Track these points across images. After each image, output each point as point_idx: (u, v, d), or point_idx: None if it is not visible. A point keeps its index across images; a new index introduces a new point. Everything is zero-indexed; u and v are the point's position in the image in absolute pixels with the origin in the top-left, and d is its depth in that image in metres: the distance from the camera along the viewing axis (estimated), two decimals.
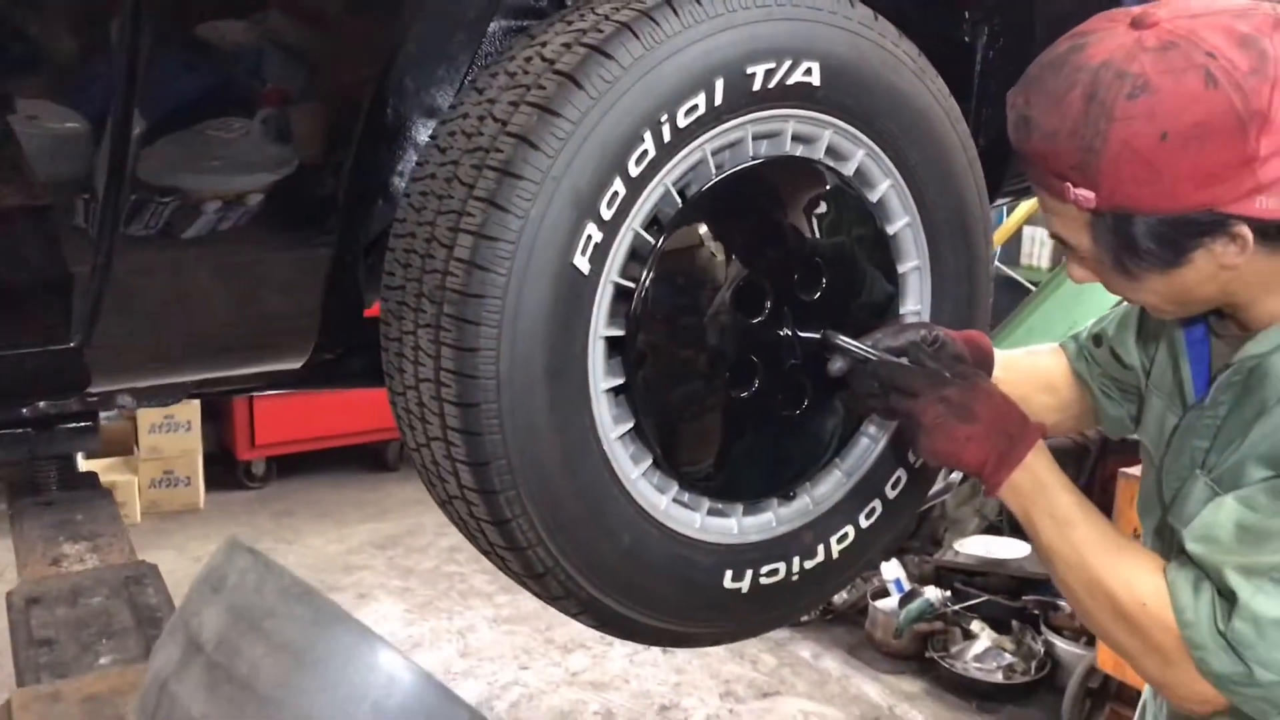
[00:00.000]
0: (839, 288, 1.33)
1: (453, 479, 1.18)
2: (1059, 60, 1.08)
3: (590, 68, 1.11)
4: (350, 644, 0.75)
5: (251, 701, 0.73)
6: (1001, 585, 3.95)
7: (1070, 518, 1.19)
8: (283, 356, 1.26)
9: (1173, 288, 1.12)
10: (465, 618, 4.33)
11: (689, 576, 1.28)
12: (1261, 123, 1.00)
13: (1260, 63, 1.00)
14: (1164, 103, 1.01)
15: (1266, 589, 1.06)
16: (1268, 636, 1.06)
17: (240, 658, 0.74)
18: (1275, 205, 1.03)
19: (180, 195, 1.08)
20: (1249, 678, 1.07)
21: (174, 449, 5.27)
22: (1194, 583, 1.11)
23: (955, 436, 1.20)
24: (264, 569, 0.80)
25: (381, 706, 0.72)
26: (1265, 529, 1.07)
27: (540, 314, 1.11)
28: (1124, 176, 1.04)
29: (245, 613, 0.77)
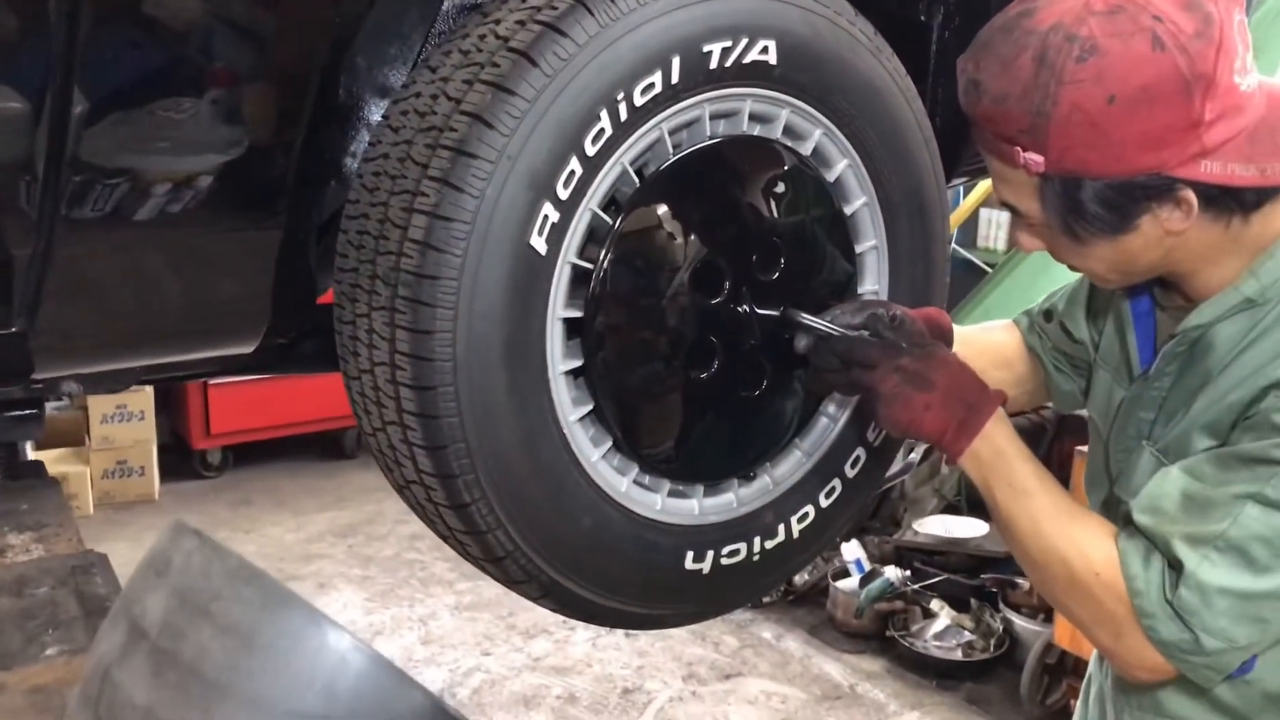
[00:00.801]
0: (798, 267, 1.33)
1: (410, 463, 1.16)
2: (1009, 25, 1.08)
3: (545, 45, 1.09)
4: (299, 626, 0.74)
5: (198, 686, 0.71)
6: (960, 564, 4.00)
7: (1028, 487, 1.20)
8: (234, 341, 1.24)
9: (1119, 254, 1.14)
10: (427, 605, 4.31)
11: (650, 558, 1.28)
12: (1206, 86, 1.01)
13: (1205, 26, 1.01)
14: (1112, 65, 1.02)
15: (1212, 557, 1.07)
16: (1213, 605, 1.07)
17: (186, 642, 0.73)
18: (1219, 170, 1.05)
19: (124, 177, 1.05)
20: (1196, 645, 1.09)
21: (127, 439, 5.19)
22: (1144, 552, 1.13)
23: (913, 405, 1.20)
24: (210, 552, 0.78)
25: (332, 688, 0.71)
26: (1210, 498, 1.09)
27: (497, 295, 1.09)
28: (1073, 139, 1.05)
29: (191, 596, 0.76)
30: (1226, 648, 1.09)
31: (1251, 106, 1.06)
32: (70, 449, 5.21)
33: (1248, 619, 1.08)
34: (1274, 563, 1.06)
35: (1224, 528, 1.07)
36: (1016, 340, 1.53)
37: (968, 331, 1.51)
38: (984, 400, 1.21)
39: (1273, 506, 1.06)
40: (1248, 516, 1.06)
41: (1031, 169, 1.09)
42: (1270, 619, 1.09)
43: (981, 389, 1.22)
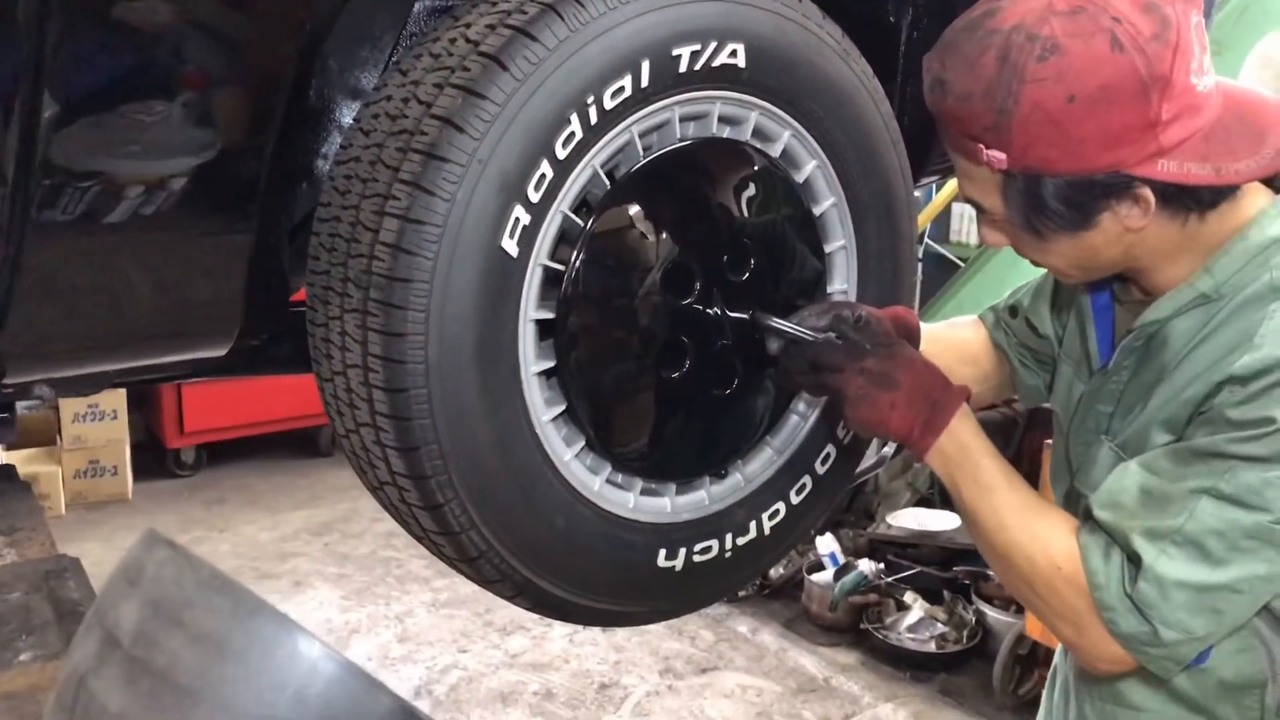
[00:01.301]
0: (768, 268, 1.35)
1: (383, 465, 1.17)
2: (974, 24, 1.10)
3: (515, 49, 1.10)
4: (271, 634, 0.74)
5: (171, 694, 0.72)
6: (933, 557, 4.04)
7: (992, 483, 1.22)
8: (206, 343, 1.24)
9: (1080, 251, 1.16)
10: (403, 603, 4.30)
11: (623, 556, 1.29)
12: (1164, 87, 1.04)
13: (1162, 28, 1.04)
14: (1072, 65, 1.04)
15: (1170, 551, 1.10)
16: (1171, 597, 1.10)
17: (159, 650, 0.74)
18: (1176, 169, 1.07)
19: (94, 180, 1.05)
20: (1154, 637, 1.11)
21: (99, 438, 5.15)
22: (1105, 547, 1.15)
23: (879, 405, 1.22)
24: (182, 561, 0.79)
25: (303, 696, 0.72)
26: (1167, 493, 1.11)
27: (469, 298, 1.10)
28: (1034, 137, 1.07)
29: (163, 605, 0.76)
30: (1184, 639, 1.11)
31: (1208, 107, 1.08)
32: (42, 449, 5.17)
33: (1204, 611, 1.10)
34: (1229, 556, 1.08)
35: (1180, 522, 1.09)
36: (982, 336, 1.56)
37: (934, 329, 1.53)
38: (948, 397, 1.23)
39: (1227, 501, 1.08)
40: (1203, 511, 1.08)
41: (995, 166, 1.11)
42: (1225, 610, 1.11)
43: (945, 386, 1.24)
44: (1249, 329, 1.10)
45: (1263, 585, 1.11)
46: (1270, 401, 1.06)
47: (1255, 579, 1.09)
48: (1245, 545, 1.08)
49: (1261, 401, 1.06)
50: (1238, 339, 1.11)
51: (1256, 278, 1.12)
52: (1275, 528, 1.07)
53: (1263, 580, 1.10)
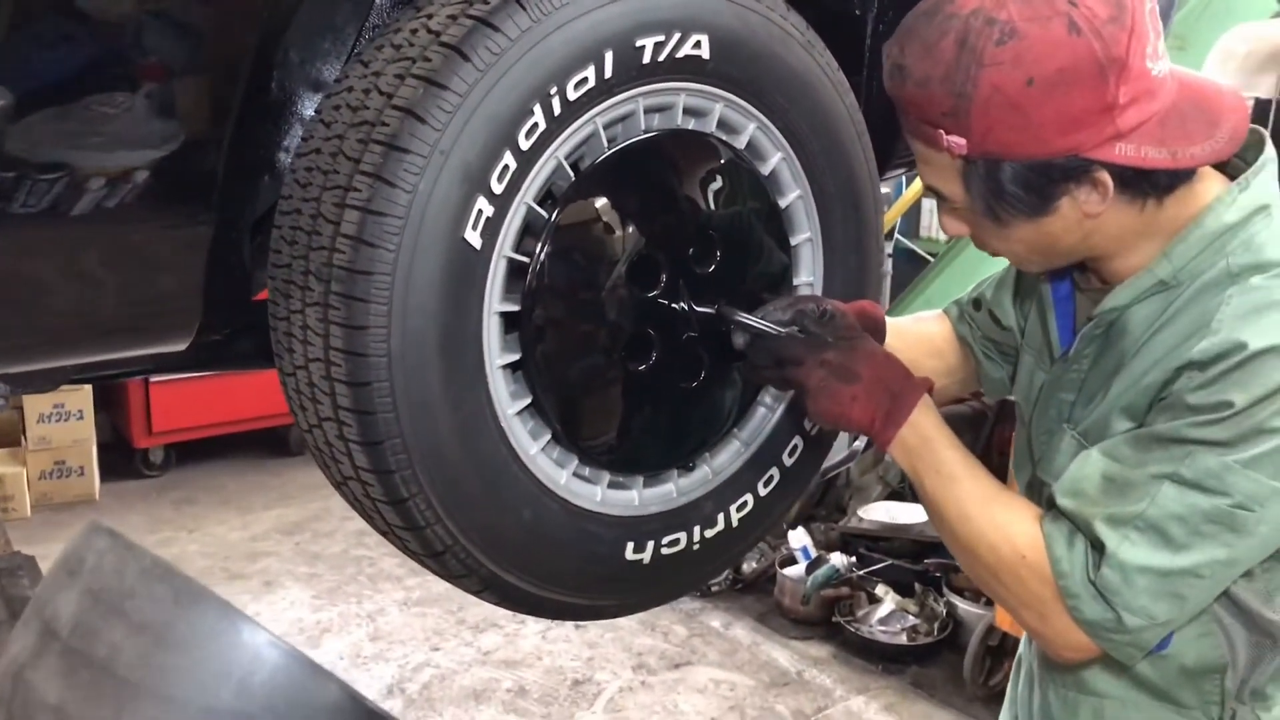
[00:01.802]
0: (734, 260, 1.35)
1: (347, 460, 1.16)
2: (933, 9, 1.11)
3: (477, 40, 1.09)
4: (213, 622, 0.74)
5: (110, 684, 0.71)
6: (904, 549, 4.06)
7: (954, 473, 1.22)
8: (166, 338, 1.22)
9: (1040, 236, 1.17)
10: (375, 601, 4.28)
11: (591, 549, 1.29)
12: (1120, 70, 1.05)
13: (1119, 11, 1.05)
14: (1030, 49, 1.04)
15: (1132, 537, 1.11)
16: (1134, 583, 1.11)
17: (99, 641, 0.73)
18: (1133, 152, 1.08)
19: (48, 173, 1.03)
20: (1118, 624, 1.12)
21: (65, 438, 5.09)
22: (1068, 535, 1.16)
23: (840, 397, 1.23)
24: (124, 550, 0.78)
25: (246, 684, 0.72)
26: (1129, 479, 1.12)
27: (432, 290, 1.09)
28: (993, 122, 1.07)
29: (104, 595, 0.75)
30: (1147, 624, 1.12)
31: (1163, 92, 1.09)
32: (5, 449, 5.10)
33: (1166, 596, 1.11)
34: (1190, 540, 1.09)
35: (1142, 508, 1.10)
36: (947, 330, 1.56)
37: (900, 323, 1.54)
38: (909, 389, 1.24)
39: (1188, 486, 1.09)
40: (1165, 496, 1.09)
41: (954, 151, 1.11)
42: (1188, 595, 1.12)
43: (906, 377, 1.24)
44: (1206, 314, 1.11)
45: (1223, 569, 1.12)
46: (1228, 385, 1.07)
47: (1216, 563, 1.11)
48: (1206, 530, 1.09)
49: (1220, 385, 1.07)
50: (1195, 325, 1.12)
51: (1213, 264, 1.14)
52: (1235, 511, 1.08)
53: (1223, 564, 1.11)
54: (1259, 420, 1.06)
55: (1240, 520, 1.08)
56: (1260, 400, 1.06)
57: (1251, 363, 1.06)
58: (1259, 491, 1.07)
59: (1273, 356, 1.06)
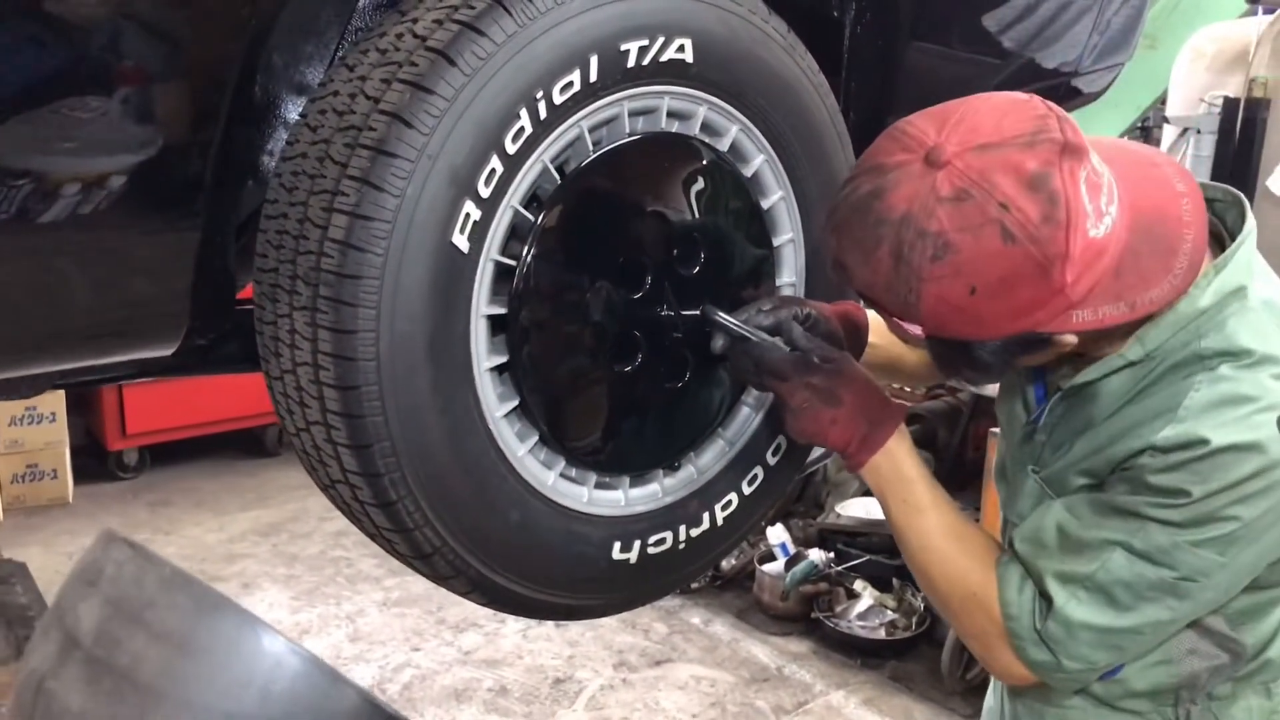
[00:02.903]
0: (717, 261, 1.36)
1: (335, 463, 1.16)
2: (862, 205, 1.08)
3: (463, 44, 1.09)
4: (234, 630, 0.74)
5: (133, 692, 0.71)
6: (882, 545, 4.08)
7: (920, 504, 1.27)
8: (152, 344, 1.22)
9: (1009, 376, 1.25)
10: (354, 602, 4.27)
11: (578, 550, 1.30)
12: (1063, 261, 1.03)
13: (1051, 208, 1.02)
14: (967, 262, 1.03)
15: (1080, 596, 1.16)
16: (1077, 637, 1.17)
17: (120, 650, 0.73)
18: (1091, 316, 1.08)
19: (32, 178, 1.03)
20: (1058, 666, 1.19)
21: (38, 441, 5.04)
22: (1020, 580, 1.21)
23: (821, 419, 1.27)
24: (143, 560, 0.78)
25: (268, 691, 0.72)
26: (1083, 539, 1.17)
27: (419, 294, 1.10)
28: (944, 321, 1.08)
29: (124, 605, 0.75)
30: (1085, 669, 1.19)
31: (1112, 244, 1.07)
32: None
33: (1106, 647, 1.18)
34: (1134, 603, 1.15)
35: (1092, 570, 1.15)
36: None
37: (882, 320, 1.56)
38: (887, 417, 1.28)
39: (1138, 556, 1.13)
40: (1114, 563, 1.14)
41: (914, 335, 1.13)
42: (1128, 648, 1.19)
43: (884, 405, 1.28)
44: (1174, 398, 1.12)
45: (1164, 628, 1.18)
46: (1187, 475, 1.10)
47: (1158, 623, 1.16)
48: (1149, 595, 1.14)
49: (1180, 474, 1.10)
50: (1163, 406, 1.13)
51: (1185, 344, 1.14)
52: (1179, 582, 1.13)
53: (1164, 624, 1.17)
54: (1213, 509, 1.10)
55: (1184, 590, 1.14)
56: (1216, 493, 1.09)
57: (1212, 458, 1.09)
58: (1204, 566, 1.12)
59: (1232, 454, 1.08)
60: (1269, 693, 1.27)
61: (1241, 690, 1.26)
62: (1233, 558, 1.12)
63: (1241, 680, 1.25)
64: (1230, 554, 1.12)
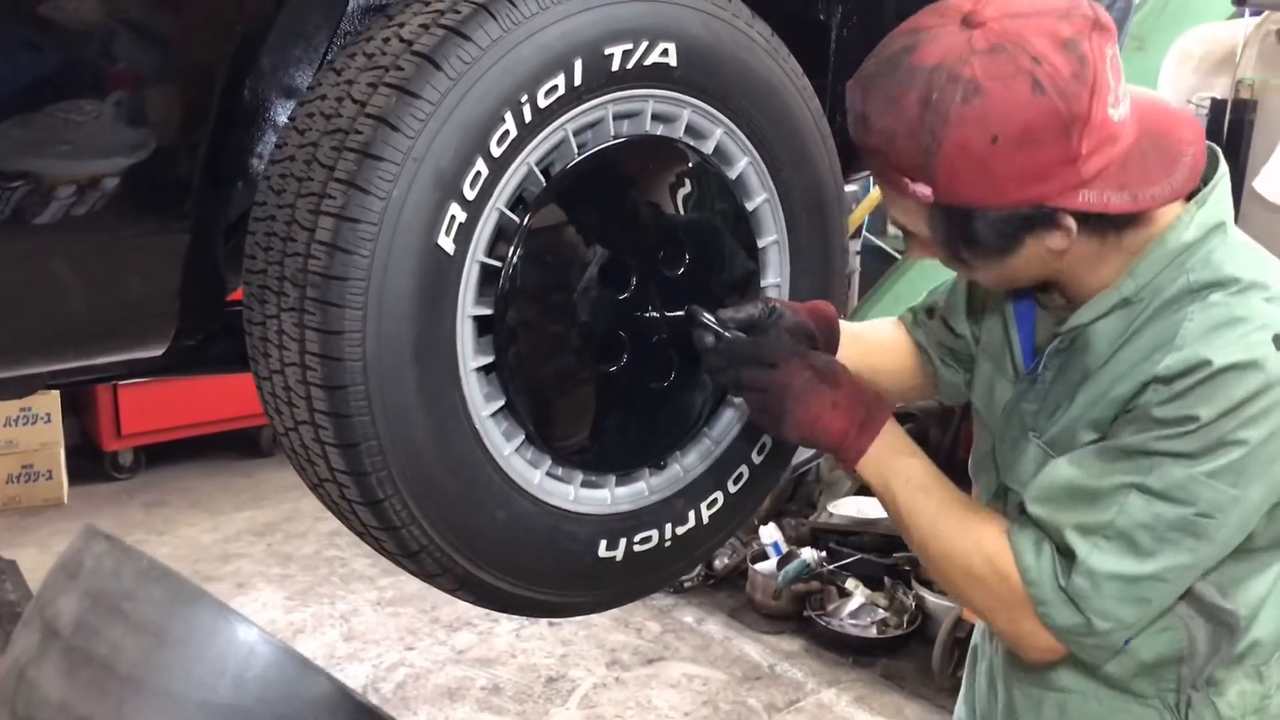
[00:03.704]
0: (702, 263, 1.37)
1: (323, 462, 1.18)
2: (894, 59, 1.11)
3: (448, 49, 1.11)
4: (209, 621, 0.76)
5: (111, 681, 0.73)
6: (874, 544, 4.10)
7: (924, 483, 1.26)
8: (142, 344, 1.23)
9: (1004, 270, 1.20)
10: (348, 602, 4.28)
11: (564, 548, 1.31)
12: (1083, 124, 1.06)
13: (1081, 68, 1.06)
14: (995, 108, 1.05)
15: (1101, 545, 1.15)
16: (1103, 590, 1.15)
17: (99, 640, 0.75)
18: (1096, 198, 1.11)
19: (23, 180, 1.04)
20: (1088, 628, 1.17)
21: (33, 442, 5.04)
22: (1035, 543, 1.20)
23: (823, 402, 1.24)
24: (121, 553, 0.80)
25: (241, 679, 0.74)
26: (1097, 489, 1.16)
27: (406, 295, 1.11)
28: (958, 176, 1.09)
29: (103, 596, 0.77)
30: (1114, 627, 1.17)
31: (1124, 135, 1.11)
32: None
33: (1133, 600, 1.16)
34: (1156, 547, 1.14)
35: (1111, 517, 1.14)
36: (903, 336, 1.60)
37: (858, 328, 1.57)
38: (880, 402, 1.27)
39: (1155, 496, 1.13)
40: (1132, 506, 1.14)
41: (920, 199, 1.13)
42: (1153, 599, 1.17)
43: (876, 394, 1.28)
44: (1170, 330, 1.15)
45: (1186, 573, 1.17)
46: (1193, 400, 1.11)
47: (1180, 567, 1.16)
48: (1170, 537, 1.13)
49: (1185, 400, 1.11)
50: (1159, 340, 1.15)
51: (1174, 280, 1.17)
52: (1198, 520, 1.13)
53: (1186, 568, 1.16)
54: (1223, 433, 1.10)
55: (1203, 528, 1.13)
56: (1225, 414, 1.10)
57: (1215, 378, 1.10)
58: (1221, 500, 1.12)
59: (1235, 372, 1.10)
60: (1260, 676, 1.28)
61: (1234, 676, 1.27)
62: (1245, 490, 1.12)
63: (1234, 664, 1.26)
64: (1242, 486, 1.12)
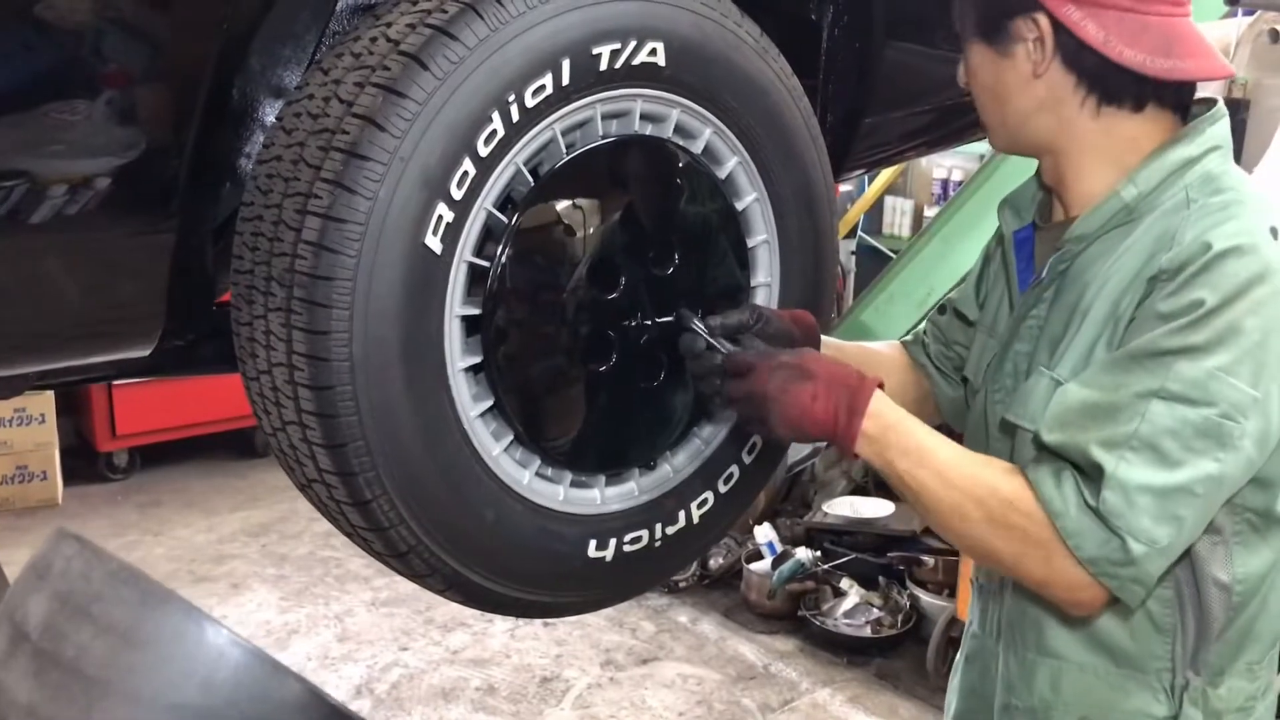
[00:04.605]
0: (692, 263, 1.37)
1: (311, 463, 1.17)
2: None
3: (436, 48, 1.11)
4: (178, 623, 0.76)
5: (79, 684, 0.73)
6: (868, 543, 4.11)
7: (923, 445, 1.21)
8: (128, 344, 1.23)
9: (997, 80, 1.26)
10: (343, 602, 4.28)
11: (554, 548, 1.31)
12: None
13: None
14: None
15: (1129, 457, 1.12)
16: (1135, 504, 1.11)
17: (67, 642, 0.75)
18: (1076, 17, 1.17)
19: (9, 180, 1.04)
20: (1123, 552, 1.12)
21: (27, 443, 5.03)
22: (1055, 474, 1.16)
23: (802, 396, 1.21)
24: (91, 555, 0.80)
25: (211, 681, 0.74)
26: (1115, 402, 1.13)
27: (393, 295, 1.11)
28: None
29: (71, 598, 0.77)
30: (1149, 550, 1.12)
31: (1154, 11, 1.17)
32: None
33: (1166, 518, 1.12)
34: (1184, 456, 1.11)
35: (1135, 427, 1.12)
36: (898, 354, 1.60)
37: (842, 344, 1.57)
38: (862, 382, 1.23)
39: (1175, 400, 1.11)
40: (1154, 413, 1.11)
41: None
42: (1185, 516, 1.13)
43: (858, 373, 1.24)
44: (1168, 232, 1.17)
45: (1215, 486, 1.13)
46: (1198, 285, 1.11)
47: (1209, 479, 1.12)
48: (1197, 445, 1.11)
49: (1190, 287, 1.11)
50: (1159, 244, 1.17)
51: (1171, 195, 1.20)
52: (1223, 422, 1.11)
53: (1215, 480, 1.13)
54: (1231, 319, 1.10)
55: (1228, 431, 1.11)
56: (1231, 297, 1.10)
57: (1218, 261, 1.11)
58: (1241, 400, 1.11)
59: (1236, 255, 1.11)
60: (1253, 675, 1.27)
61: (1234, 669, 1.26)
62: (1265, 392, 1.11)
63: (1234, 657, 1.25)
64: (1261, 386, 1.11)
